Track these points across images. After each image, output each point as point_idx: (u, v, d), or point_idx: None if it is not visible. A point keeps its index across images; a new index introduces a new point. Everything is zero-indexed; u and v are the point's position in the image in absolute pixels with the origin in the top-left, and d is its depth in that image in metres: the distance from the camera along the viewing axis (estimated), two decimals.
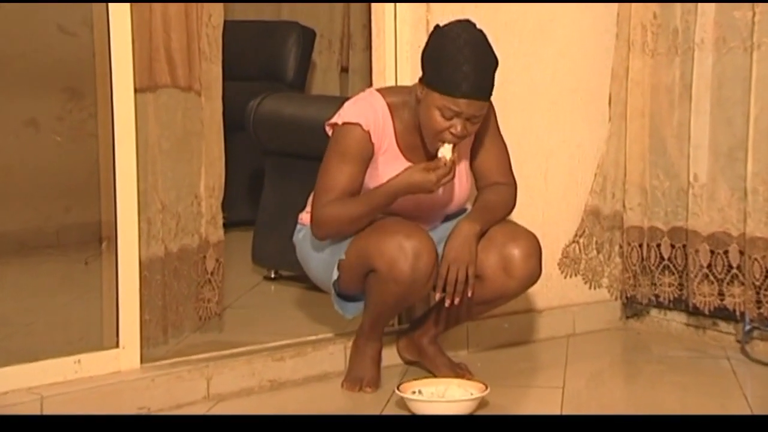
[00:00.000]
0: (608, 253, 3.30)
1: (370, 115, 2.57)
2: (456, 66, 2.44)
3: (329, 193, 2.55)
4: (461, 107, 2.47)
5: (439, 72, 2.46)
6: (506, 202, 2.70)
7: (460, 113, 2.48)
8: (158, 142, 2.74)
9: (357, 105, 2.60)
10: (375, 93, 2.63)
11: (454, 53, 2.44)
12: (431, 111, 2.50)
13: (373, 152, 2.59)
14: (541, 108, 3.20)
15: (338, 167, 2.55)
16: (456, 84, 2.45)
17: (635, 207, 3.23)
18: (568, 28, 3.20)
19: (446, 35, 2.47)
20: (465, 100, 2.47)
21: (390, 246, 2.51)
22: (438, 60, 2.47)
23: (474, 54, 2.45)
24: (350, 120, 2.57)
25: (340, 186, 2.55)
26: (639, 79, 3.19)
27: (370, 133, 2.57)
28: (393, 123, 2.60)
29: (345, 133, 2.57)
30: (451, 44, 2.45)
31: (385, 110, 2.60)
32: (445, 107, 2.48)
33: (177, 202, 2.77)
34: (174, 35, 2.72)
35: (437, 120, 2.50)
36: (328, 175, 2.56)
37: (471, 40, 2.46)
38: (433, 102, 2.49)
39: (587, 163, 3.27)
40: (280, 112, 3.61)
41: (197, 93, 2.79)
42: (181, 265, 2.79)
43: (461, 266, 2.56)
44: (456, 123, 2.50)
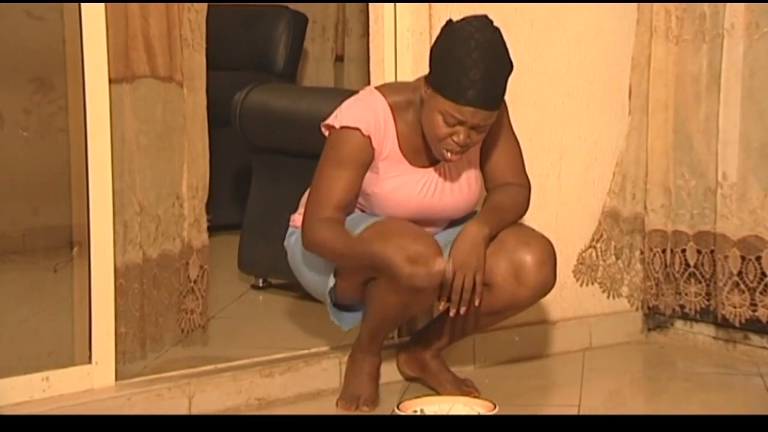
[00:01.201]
0: (628, 260, 3.31)
1: (370, 119, 2.58)
2: (463, 70, 2.44)
3: (324, 204, 2.55)
4: (465, 116, 2.48)
5: (445, 74, 2.46)
6: (518, 204, 2.70)
7: (464, 122, 2.49)
8: (136, 138, 2.74)
9: (356, 107, 2.60)
10: (375, 93, 2.63)
11: (462, 56, 2.44)
12: (434, 115, 2.51)
13: (373, 157, 2.60)
14: (555, 101, 3.21)
15: (335, 174, 2.56)
16: (461, 90, 2.45)
17: (658, 209, 3.24)
18: (584, 13, 3.21)
19: (457, 34, 2.47)
20: (470, 108, 2.47)
21: (393, 251, 2.51)
22: (445, 61, 2.47)
23: (485, 59, 2.45)
24: (349, 124, 2.57)
25: (337, 196, 2.56)
26: (662, 68, 3.20)
27: (371, 138, 2.58)
28: (395, 125, 2.61)
29: (343, 139, 2.57)
30: (462, 45, 2.45)
31: (387, 112, 2.60)
32: (447, 113, 2.48)
33: (156, 204, 2.78)
34: (153, 20, 2.72)
35: (439, 125, 2.51)
36: (324, 182, 2.57)
37: (484, 43, 2.46)
38: (436, 105, 2.50)
39: (605, 160, 3.28)
40: (269, 105, 3.61)
41: (179, 84, 2.79)
42: (161, 272, 2.79)
43: (468, 273, 2.56)
44: (459, 131, 2.50)
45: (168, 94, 2.78)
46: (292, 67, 4.84)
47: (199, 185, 2.84)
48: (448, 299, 2.59)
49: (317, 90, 4.03)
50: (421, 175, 2.64)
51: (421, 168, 2.64)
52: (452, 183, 2.66)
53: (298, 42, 4.85)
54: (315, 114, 3.31)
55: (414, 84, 2.66)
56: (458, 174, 2.67)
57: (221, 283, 3.57)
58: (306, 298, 3.06)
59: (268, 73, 4.76)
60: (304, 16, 4.91)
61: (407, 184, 2.63)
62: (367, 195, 2.63)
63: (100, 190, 2.66)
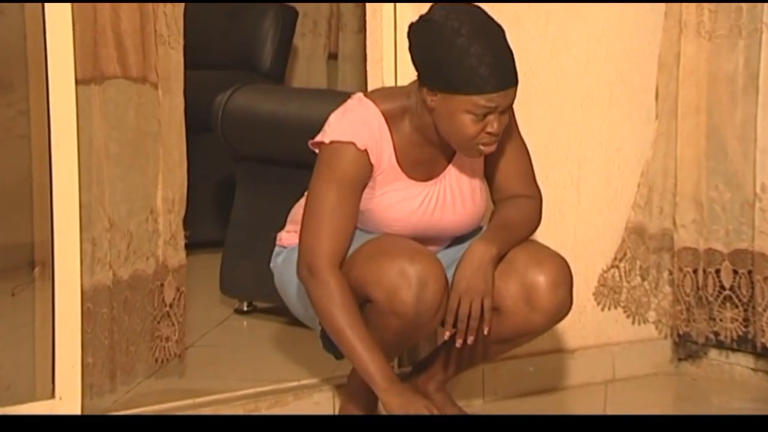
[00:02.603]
0: (655, 281, 3.32)
1: (364, 130, 2.59)
2: (476, 60, 2.46)
3: (322, 235, 2.54)
4: (496, 101, 2.51)
5: (456, 71, 2.48)
6: (529, 219, 2.71)
7: (495, 108, 2.52)
8: (105, 145, 2.75)
9: (347, 118, 2.60)
10: (366, 101, 2.63)
11: (466, 46, 2.46)
12: (459, 117, 2.52)
13: (371, 174, 2.61)
14: (573, 103, 3.22)
15: (333, 197, 2.56)
16: (484, 79, 2.47)
17: (688, 224, 3.24)
18: (605, 6, 3.23)
19: (445, 27, 2.48)
20: (500, 92, 2.50)
21: (390, 272, 2.52)
22: (448, 59, 2.48)
23: (487, 38, 2.47)
24: (341, 138, 2.58)
25: (336, 224, 2.55)
26: (693, 67, 3.21)
27: (368, 152, 2.58)
28: (391, 136, 2.62)
29: (337, 155, 2.57)
30: (458, 36, 2.46)
31: (381, 122, 2.61)
32: (477, 106, 2.50)
33: (128, 219, 2.79)
34: (124, 14, 2.74)
35: (468, 125, 2.52)
36: (320, 206, 2.57)
37: (476, 23, 2.48)
38: (459, 106, 2.51)
39: (629, 170, 3.29)
40: (255, 108, 3.63)
41: (153, 85, 2.81)
42: (132, 295, 2.80)
43: (475, 297, 2.57)
44: (491, 120, 2.53)
45: (141, 97, 2.79)
46: (280, 66, 4.86)
47: (176, 198, 2.85)
48: (454, 326, 2.60)
49: (308, 92, 4.05)
50: (420, 190, 2.65)
51: (420, 181, 2.65)
52: (455, 197, 2.67)
53: (286, 38, 4.86)
54: (305, 118, 3.33)
55: (407, 88, 2.67)
56: (461, 187, 2.68)
57: (200, 307, 3.57)
58: (295, 324, 3.07)
59: (254, 72, 4.77)
60: (294, 10, 4.92)
61: (405, 200, 2.64)
62: (362, 212, 2.64)
63: (65, 204, 2.67)
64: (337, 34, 5.17)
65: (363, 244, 2.59)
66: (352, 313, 2.53)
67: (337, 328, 2.53)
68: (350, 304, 2.53)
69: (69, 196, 2.67)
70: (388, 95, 2.67)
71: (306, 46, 5.24)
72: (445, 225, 2.68)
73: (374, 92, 2.73)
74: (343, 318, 2.52)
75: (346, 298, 2.53)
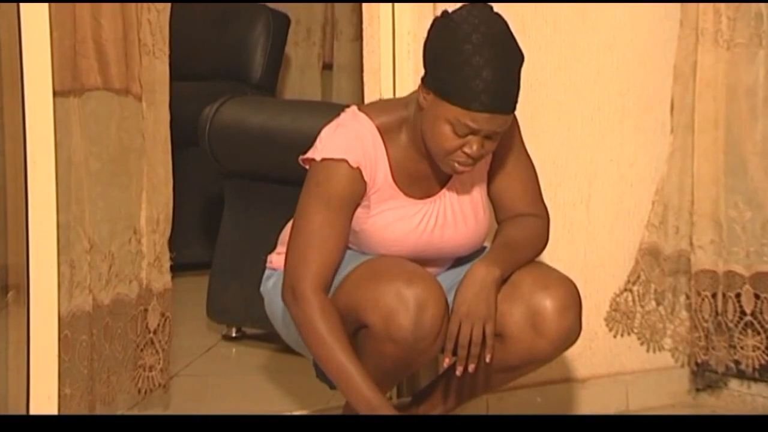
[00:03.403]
0: (671, 306, 3.32)
1: (357, 147, 2.59)
2: (473, 71, 2.46)
3: (307, 257, 2.56)
4: (480, 123, 2.50)
5: (451, 76, 2.48)
6: (535, 239, 2.72)
7: (478, 130, 2.51)
8: (85, 162, 2.77)
9: (339, 134, 2.61)
10: (360, 115, 2.64)
11: (469, 54, 2.46)
12: (440, 125, 2.52)
13: (364, 193, 2.62)
14: (582, 116, 3.24)
15: (321, 217, 2.57)
16: (474, 94, 2.47)
17: (706, 245, 3.25)
18: (617, 13, 3.24)
19: (458, 28, 2.49)
20: (486, 114, 2.49)
21: (386, 295, 2.53)
22: (449, 60, 2.49)
23: (496, 54, 2.47)
24: (333, 155, 2.59)
25: (323, 246, 2.56)
26: (710, 78, 3.22)
27: (361, 170, 2.59)
28: (386, 152, 2.63)
29: (327, 173, 2.58)
30: (465, 41, 2.47)
31: (376, 137, 2.62)
32: (458, 122, 2.50)
33: (110, 240, 2.80)
34: (106, 22, 2.75)
35: (447, 136, 2.52)
36: (306, 227, 2.58)
37: (490, 35, 2.48)
38: (443, 113, 2.51)
39: (642, 187, 3.30)
40: (244, 121, 3.64)
41: (137, 97, 2.82)
42: (114, 321, 2.81)
43: (476, 322, 2.57)
44: (472, 141, 2.52)
45: (124, 110, 2.80)
46: (271, 77, 4.87)
47: (161, 217, 2.86)
48: (454, 353, 2.61)
49: (301, 104, 4.06)
50: (418, 208, 2.66)
51: (418, 199, 2.66)
52: (456, 215, 2.68)
53: (278, 47, 4.88)
54: (298, 132, 3.34)
55: (405, 99, 2.69)
56: (462, 204, 2.69)
57: (186, 333, 3.58)
58: (286, 352, 3.07)
59: (243, 83, 4.79)
60: (286, 17, 4.95)
61: (402, 219, 2.65)
62: (355, 233, 2.65)
63: (42, 224, 2.68)
64: (332, 43, 5.18)
65: (356, 266, 2.60)
66: (338, 336, 2.53)
67: (323, 352, 2.53)
68: (336, 327, 2.54)
69: (46, 215, 2.68)
70: (384, 108, 2.68)
71: (299, 56, 5.26)
72: (445, 245, 2.69)
73: (369, 105, 2.74)
74: (328, 341, 2.52)
75: (332, 322, 2.53)
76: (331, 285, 2.59)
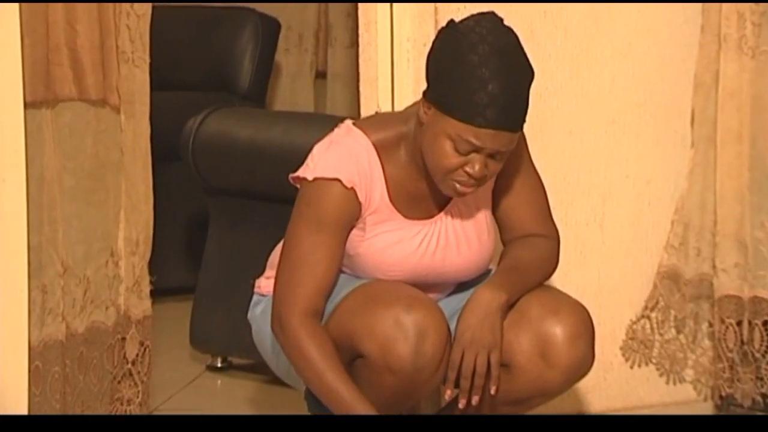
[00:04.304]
0: (693, 334, 3.32)
1: (351, 165, 2.60)
2: (478, 83, 2.46)
3: (296, 284, 2.57)
4: (483, 141, 2.50)
5: (455, 90, 2.49)
6: (544, 261, 2.72)
7: (481, 148, 2.52)
8: (59, 178, 2.77)
9: (333, 151, 2.61)
10: (354, 130, 2.64)
11: (475, 66, 2.47)
12: (441, 141, 2.53)
13: (359, 214, 2.63)
14: (596, 129, 3.25)
15: (312, 240, 2.58)
16: (478, 109, 2.47)
17: (730, 269, 3.25)
18: (633, 18, 3.25)
19: (464, 38, 2.50)
20: (490, 131, 2.49)
21: (383, 322, 2.53)
22: (453, 72, 2.49)
23: (503, 67, 2.47)
24: (325, 174, 2.59)
25: (313, 271, 2.57)
26: (734, 88, 3.23)
27: (356, 190, 2.60)
28: (383, 170, 2.64)
29: (319, 194, 2.59)
30: (471, 52, 2.47)
31: (372, 154, 2.63)
32: (460, 139, 2.51)
33: (85, 263, 2.81)
34: (81, 27, 2.76)
35: (448, 154, 2.53)
36: (295, 251, 2.59)
37: (498, 47, 2.49)
38: (444, 129, 2.52)
39: (661, 206, 3.30)
40: (231, 134, 3.65)
41: (114, 108, 2.83)
42: (89, 351, 2.81)
43: (481, 350, 2.58)
44: (475, 160, 2.53)
45: (101, 122, 2.81)
46: (260, 87, 4.88)
47: (141, 238, 2.87)
48: (457, 385, 2.61)
49: (293, 116, 4.07)
50: (417, 229, 2.67)
51: (418, 220, 2.67)
52: (458, 237, 2.69)
53: (267, 54, 4.89)
54: (289, 146, 3.36)
55: (404, 114, 2.69)
56: (465, 225, 2.70)
57: (168, 364, 3.58)
58: (276, 383, 3.07)
59: (230, 93, 4.80)
60: (276, 22, 4.96)
61: (401, 242, 2.65)
62: (350, 256, 2.66)
63: (11, 246, 2.69)
64: (326, 50, 5.19)
65: (351, 291, 2.61)
66: (331, 361, 2.53)
67: (315, 378, 2.53)
68: (328, 352, 2.54)
69: (16, 236, 2.68)
70: (381, 123, 2.68)
71: (290, 63, 5.27)
72: (447, 269, 2.70)
73: (365, 120, 2.75)
74: (320, 366, 2.53)
75: (324, 347, 2.54)
76: (323, 312, 2.60)
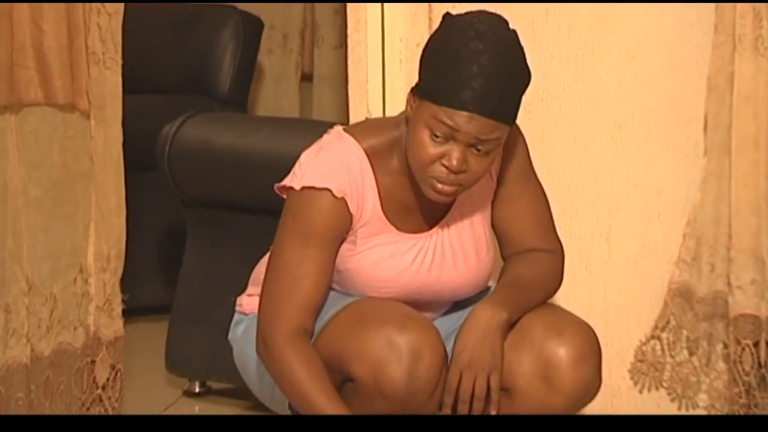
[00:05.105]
0: (707, 355, 3.33)
1: (342, 174, 2.60)
2: (459, 64, 2.47)
3: (291, 303, 2.57)
4: (457, 122, 2.49)
5: (436, 74, 2.50)
6: (547, 277, 2.73)
7: (457, 131, 2.51)
8: (24, 188, 2.78)
9: (322, 159, 2.62)
10: (345, 136, 2.65)
11: (459, 47, 2.48)
12: (418, 129, 2.53)
13: (350, 226, 2.63)
14: (602, 136, 3.26)
15: (299, 254, 2.59)
16: (455, 88, 2.48)
17: (746, 285, 3.25)
18: (641, 17, 3.26)
19: (455, 25, 2.52)
20: (464, 113, 2.48)
21: (375, 343, 2.54)
22: (437, 58, 2.51)
23: (488, 52, 2.48)
24: (314, 183, 2.60)
25: (306, 290, 2.58)
26: (750, 91, 3.23)
27: (346, 200, 2.60)
28: (375, 179, 2.64)
29: (308, 204, 2.60)
30: (459, 36, 2.49)
31: (364, 161, 2.63)
32: (436, 121, 2.50)
33: (51, 280, 2.81)
34: (48, 27, 2.77)
35: (424, 143, 2.52)
36: (282, 266, 2.59)
37: (489, 35, 2.50)
38: (421, 116, 2.52)
39: (672, 218, 3.31)
40: (210, 141, 3.66)
41: (84, 114, 2.84)
42: (56, 374, 2.81)
43: (480, 373, 2.58)
44: (451, 150, 2.52)
45: (69, 128, 2.82)
46: (241, 90, 4.89)
47: (112, 253, 2.88)
48: (454, 409, 2.61)
49: (276, 122, 4.08)
50: (412, 243, 2.67)
51: (412, 233, 2.67)
52: (455, 251, 2.70)
53: (249, 54, 4.90)
54: (273, 154, 3.36)
55: (397, 118, 2.70)
56: (462, 239, 2.70)
57: (141, 388, 3.58)
58: (259, 409, 3.07)
59: (209, 97, 4.80)
60: (258, 20, 4.96)
61: (394, 256, 2.66)
62: (340, 272, 2.67)
63: None
64: (312, 50, 5.20)
65: (340, 309, 2.62)
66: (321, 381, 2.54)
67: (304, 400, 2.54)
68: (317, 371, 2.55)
69: None
70: (373, 128, 2.69)
71: (274, 65, 5.28)
72: (443, 286, 2.71)
73: (356, 126, 2.76)
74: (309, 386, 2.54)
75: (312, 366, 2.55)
76: (312, 330, 2.60)
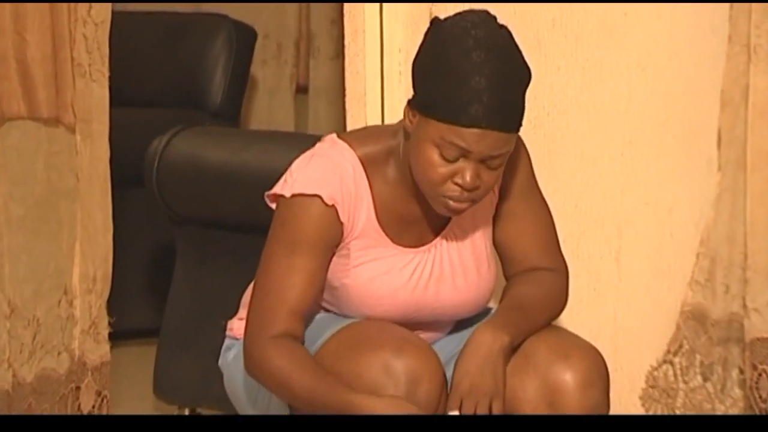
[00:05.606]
0: (721, 381, 3.33)
1: (334, 181, 2.61)
2: (462, 78, 2.47)
3: (276, 312, 2.57)
4: (469, 141, 2.50)
5: (436, 87, 2.50)
6: (551, 299, 2.73)
7: (469, 152, 2.51)
8: (5, 206, 2.78)
9: (314, 165, 2.63)
10: (340, 143, 2.66)
11: (459, 59, 2.47)
12: (425, 149, 2.53)
13: (341, 235, 2.64)
14: (611, 151, 3.26)
15: (288, 264, 2.59)
16: (462, 104, 2.47)
17: (763, 308, 3.25)
18: (652, 26, 3.26)
19: (449, 33, 2.51)
20: (475, 130, 2.49)
21: (371, 367, 2.54)
22: (435, 70, 2.50)
23: (491, 61, 2.48)
24: (305, 190, 2.60)
25: (293, 297, 2.58)
26: (766, 105, 3.24)
27: (337, 209, 2.60)
28: (370, 188, 2.65)
29: (298, 212, 2.60)
30: (456, 45, 2.49)
31: (358, 170, 2.64)
32: (444, 142, 2.50)
33: (34, 302, 2.81)
34: (32, 37, 2.77)
35: (434, 163, 2.53)
36: (274, 277, 2.59)
37: (487, 40, 2.50)
38: (427, 134, 2.52)
39: (684, 237, 3.31)
40: (201, 157, 3.66)
41: (69, 128, 2.84)
42: (39, 402, 2.81)
43: (481, 399, 2.58)
44: (464, 168, 2.53)
45: (53, 143, 2.82)
46: (233, 103, 4.89)
47: (98, 274, 2.88)
48: None
49: (270, 136, 4.09)
50: (409, 258, 2.68)
51: (410, 248, 2.68)
52: (454, 268, 2.70)
53: (242, 66, 4.91)
54: (266, 170, 3.35)
55: (394, 127, 2.70)
56: (462, 255, 2.71)
57: None
58: None
59: (200, 110, 4.81)
60: (252, 30, 4.97)
61: (390, 272, 2.66)
62: (334, 289, 2.67)
63: None
64: (308, 62, 5.21)
65: (335, 332, 2.62)
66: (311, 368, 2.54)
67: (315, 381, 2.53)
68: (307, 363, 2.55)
69: None
70: (369, 136, 2.69)
71: (267, 77, 5.29)
72: (442, 304, 2.70)
73: (352, 133, 2.77)
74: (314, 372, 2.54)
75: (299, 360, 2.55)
76: (302, 336, 2.60)
